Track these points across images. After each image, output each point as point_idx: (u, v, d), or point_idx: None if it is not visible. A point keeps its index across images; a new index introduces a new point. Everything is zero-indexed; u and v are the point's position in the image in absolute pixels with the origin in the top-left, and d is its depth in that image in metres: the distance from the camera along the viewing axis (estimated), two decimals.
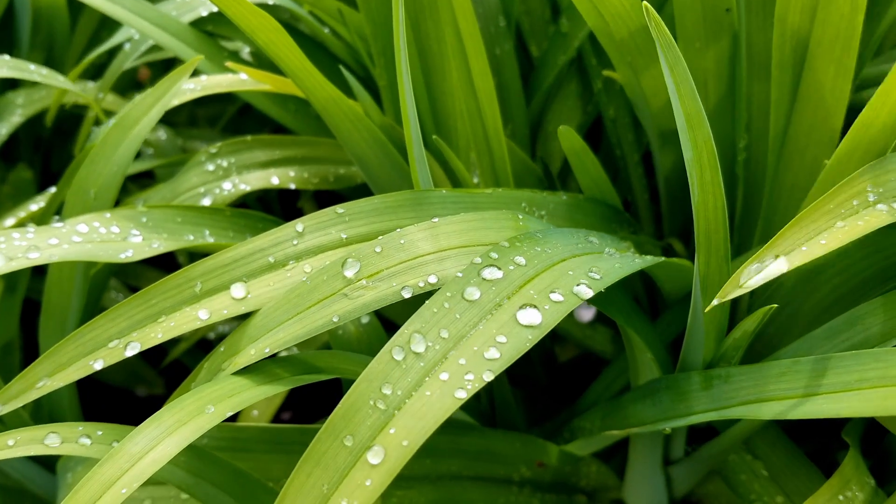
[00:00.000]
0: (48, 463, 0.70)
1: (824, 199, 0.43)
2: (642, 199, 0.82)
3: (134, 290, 0.91)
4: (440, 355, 0.40)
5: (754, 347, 0.59)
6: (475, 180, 0.69)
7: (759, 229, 0.61)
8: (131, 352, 0.46)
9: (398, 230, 0.48)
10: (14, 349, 0.78)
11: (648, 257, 0.50)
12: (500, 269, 0.43)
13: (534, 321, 0.41)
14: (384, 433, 0.38)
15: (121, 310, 0.48)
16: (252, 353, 0.46)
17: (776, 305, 0.47)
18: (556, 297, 0.42)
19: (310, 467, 0.39)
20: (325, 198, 1.01)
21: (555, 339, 0.86)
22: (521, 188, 0.74)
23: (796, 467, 0.62)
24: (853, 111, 0.54)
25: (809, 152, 0.58)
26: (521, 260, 0.44)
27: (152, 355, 1.02)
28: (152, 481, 0.57)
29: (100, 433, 0.46)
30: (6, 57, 0.73)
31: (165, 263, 0.93)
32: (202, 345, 0.97)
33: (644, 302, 0.73)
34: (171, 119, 1.04)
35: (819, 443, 0.68)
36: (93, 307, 0.66)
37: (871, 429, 0.62)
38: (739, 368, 0.49)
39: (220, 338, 0.94)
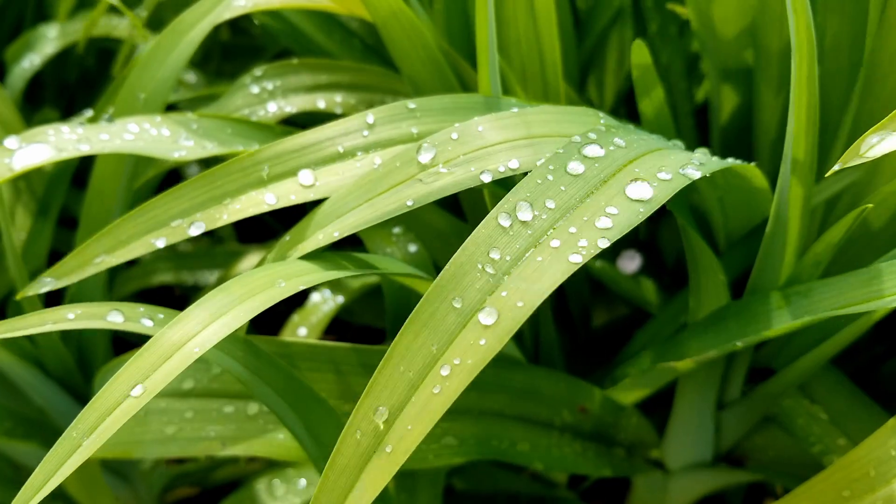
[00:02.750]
0: (79, 394, 0.67)
1: None
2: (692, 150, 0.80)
3: None
4: (548, 224, 0.38)
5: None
6: None
7: (838, 157, 0.60)
8: (195, 231, 0.44)
9: (475, 118, 0.46)
10: None
11: (739, 160, 0.48)
12: (601, 147, 0.41)
13: (644, 195, 0.39)
14: (495, 296, 0.36)
15: (184, 190, 0.46)
16: (321, 237, 0.44)
17: (871, 206, 0.45)
18: (664, 175, 0.40)
19: (417, 328, 0.36)
20: None
21: (595, 292, 0.84)
22: None
23: (859, 410, 0.60)
24: None
25: (892, 79, 0.56)
26: (620, 142, 0.42)
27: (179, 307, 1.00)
28: (197, 393, 0.55)
29: (161, 316, 0.43)
30: None
31: None
32: None
33: None
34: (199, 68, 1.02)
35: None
36: None
37: None
38: (823, 280, 0.47)
39: None
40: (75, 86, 1.05)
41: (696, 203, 0.64)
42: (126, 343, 0.82)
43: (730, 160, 0.47)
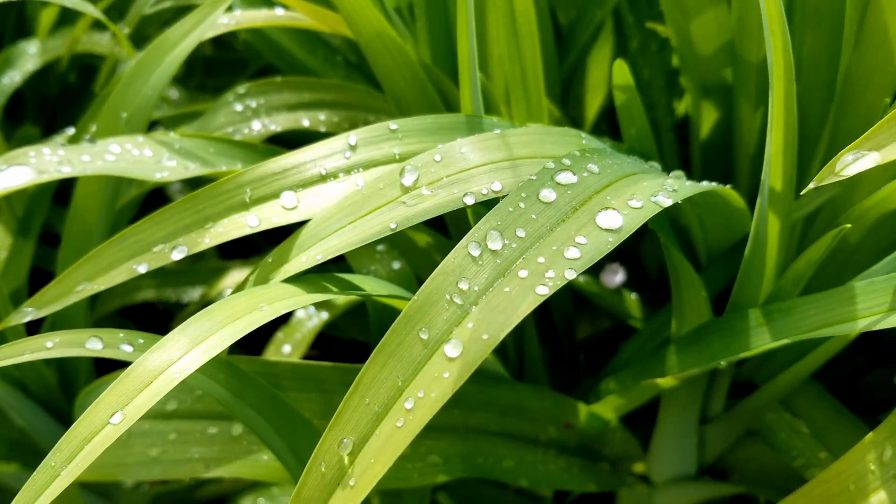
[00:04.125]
0: (61, 415, 0.67)
1: None
2: (673, 165, 0.80)
3: None
4: (517, 253, 0.38)
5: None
6: None
7: (816, 173, 0.60)
8: (178, 255, 0.44)
9: (458, 140, 0.46)
10: (22, 299, 0.75)
11: (714, 182, 0.48)
12: (574, 174, 0.41)
13: (614, 224, 0.39)
14: (462, 327, 0.37)
15: (166, 214, 0.45)
16: (304, 260, 0.44)
17: (849, 225, 0.45)
18: (635, 203, 0.40)
19: (383, 359, 0.37)
20: None
21: (578, 305, 0.84)
22: None
23: (841, 424, 0.60)
24: None
25: (869, 94, 0.57)
26: (594, 168, 0.42)
27: (155, 327, 0.99)
28: (180, 414, 0.55)
29: (141, 341, 0.43)
30: None
31: None
32: None
33: None
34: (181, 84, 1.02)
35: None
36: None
37: None
38: (803, 298, 0.47)
39: None
40: (56, 101, 1.05)
41: (677, 218, 0.65)
42: (109, 363, 0.82)
43: (704, 184, 0.47)
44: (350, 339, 0.87)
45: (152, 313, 0.96)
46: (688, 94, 0.73)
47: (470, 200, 0.43)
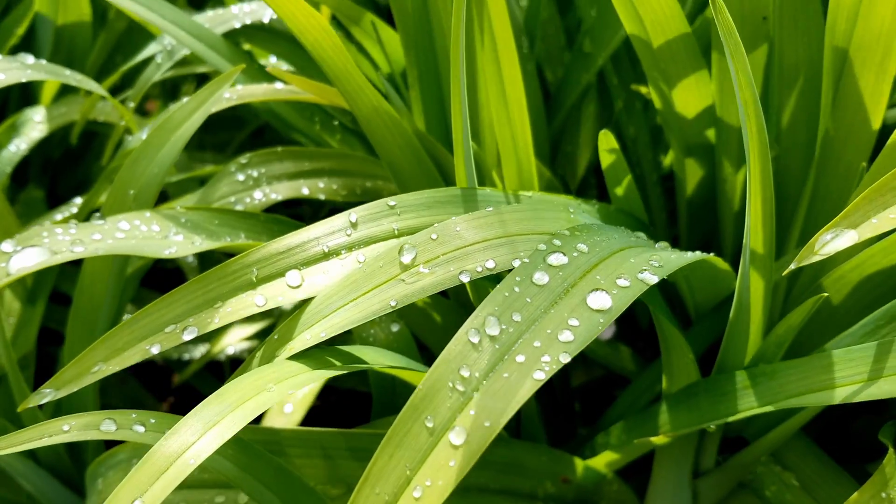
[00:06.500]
0: (70, 481, 0.68)
1: (891, 176, 0.44)
2: (660, 219, 0.83)
3: None
4: (514, 337, 0.40)
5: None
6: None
7: (797, 234, 0.63)
8: (188, 336, 0.46)
9: (453, 218, 0.48)
10: (30, 363, 0.77)
11: (698, 252, 0.51)
12: (564, 254, 0.44)
13: (604, 305, 0.41)
14: (464, 414, 0.38)
15: (178, 295, 0.48)
16: (308, 337, 0.46)
17: (826, 294, 0.48)
18: (622, 282, 0.43)
19: (392, 448, 0.38)
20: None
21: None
22: None
23: (828, 476, 0.62)
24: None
25: (847, 156, 0.60)
26: (583, 247, 0.45)
27: (156, 381, 1.01)
28: (188, 483, 0.56)
29: (153, 421, 0.45)
30: (42, 61, 0.74)
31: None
32: (211, 367, 0.96)
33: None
34: None
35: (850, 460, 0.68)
36: (123, 311, 0.65)
37: None
38: (786, 363, 0.49)
39: (232, 360, 0.93)
40: (59, 162, 1.07)
41: (665, 278, 0.67)
42: None
43: (689, 255, 0.49)
44: (349, 388, 0.89)
45: (153, 369, 0.98)
46: (672, 151, 0.76)
47: (465, 278, 0.45)
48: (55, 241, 0.54)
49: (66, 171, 1.08)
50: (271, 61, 0.79)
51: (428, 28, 0.68)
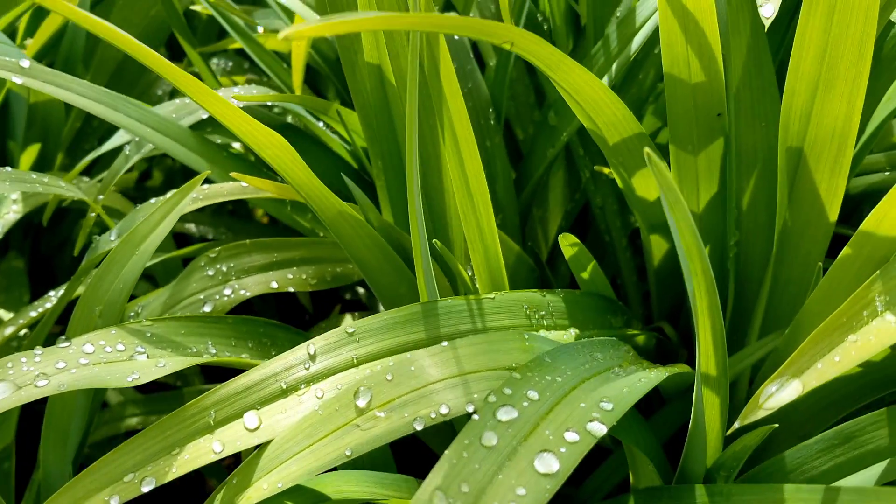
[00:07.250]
0: None
1: (837, 314, 0.44)
2: (630, 281, 0.83)
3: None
4: None
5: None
6: (469, 273, 0.70)
7: (759, 321, 0.63)
8: (147, 487, 0.47)
9: (408, 355, 0.49)
10: (10, 456, 0.78)
11: (653, 373, 0.51)
12: (514, 407, 0.44)
13: (551, 469, 0.41)
14: None
15: (136, 442, 0.48)
16: (264, 487, 0.47)
17: (777, 425, 0.48)
18: (570, 436, 0.43)
19: None
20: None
21: None
22: (515, 285, 0.76)
23: None
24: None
25: (804, 246, 0.60)
26: (533, 395, 0.45)
27: None
28: None
29: None
30: (7, 169, 0.74)
31: None
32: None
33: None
34: None
35: None
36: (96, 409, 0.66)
37: None
38: (741, 487, 0.50)
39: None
40: (39, 224, 1.07)
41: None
42: None
43: (642, 382, 0.50)
44: None
45: None
46: (638, 224, 0.76)
47: (419, 426, 0.46)
48: (20, 372, 0.54)
49: (48, 232, 1.08)
50: (236, 146, 0.80)
51: (390, 121, 0.68)
